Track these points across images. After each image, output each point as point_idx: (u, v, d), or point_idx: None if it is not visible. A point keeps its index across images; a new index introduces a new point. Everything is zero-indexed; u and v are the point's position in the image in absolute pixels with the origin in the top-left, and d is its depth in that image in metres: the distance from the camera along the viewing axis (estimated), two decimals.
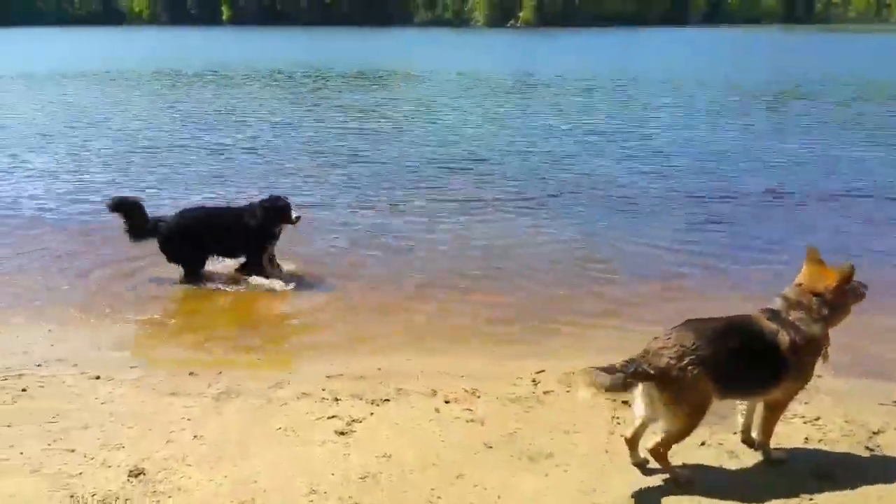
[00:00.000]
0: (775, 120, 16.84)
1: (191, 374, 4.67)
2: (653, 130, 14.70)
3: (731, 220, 8.42)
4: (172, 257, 6.46)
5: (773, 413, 3.52)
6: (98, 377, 4.55)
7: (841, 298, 3.44)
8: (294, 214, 6.45)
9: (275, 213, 6.40)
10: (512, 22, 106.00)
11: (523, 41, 60.74)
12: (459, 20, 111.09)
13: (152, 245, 6.66)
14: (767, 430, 3.56)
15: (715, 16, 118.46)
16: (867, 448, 3.74)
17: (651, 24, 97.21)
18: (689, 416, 3.25)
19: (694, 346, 3.22)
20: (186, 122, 15.69)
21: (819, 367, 3.50)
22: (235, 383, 4.47)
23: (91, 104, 18.96)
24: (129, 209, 6.52)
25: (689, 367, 3.19)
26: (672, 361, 3.20)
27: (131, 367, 4.75)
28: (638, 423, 3.43)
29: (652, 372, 3.20)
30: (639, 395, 3.34)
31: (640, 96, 21.17)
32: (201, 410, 4.12)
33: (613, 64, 33.29)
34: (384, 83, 25.22)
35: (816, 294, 3.42)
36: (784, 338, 3.31)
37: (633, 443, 3.50)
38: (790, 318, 3.38)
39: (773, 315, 3.41)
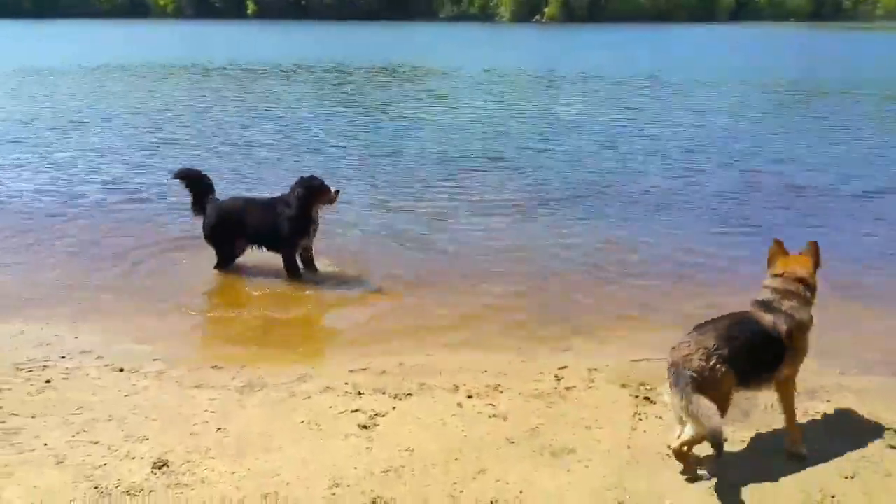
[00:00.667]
0: (805, 117, 16.56)
1: (214, 367, 4.70)
2: (678, 128, 14.52)
3: (757, 222, 8.29)
4: (210, 241, 6.47)
5: (787, 392, 3.70)
6: (122, 369, 4.60)
7: (816, 278, 3.79)
8: (333, 189, 6.24)
9: (308, 194, 6.15)
10: (538, 17, 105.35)
11: (549, 37, 60.36)
12: (485, 15, 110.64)
13: (177, 234, 6.69)
14: (789, 412, 3.70)
15: (742, 13, 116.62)
16: (891, 447, 3.70)
17: (678, 21, 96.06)
18: (722, 412, 3.32)
19: (716, 347, 3.37)
20: (207, 116, 15.74)
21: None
22: (258, 377, 4.51)
23: (117, 95, 19.17)
24: (194, 180, 6.53)
25: (718, 367, 3.33)
26: (703, 363, 3.32)
27: (155, 360, 4.79)
28: (684, 433, 3.41)
29: (695, 375, 3.29)
30: (675, 403, 3.40)
31: (664, 93, 20.92)
32: (224, 403, 4.16)
33: (640, 61, 32.91)
34: (407, 78, 25.20)
35: (801, 281, 3.70)
36: (782, 327, 3.56)
37: (685, 456, 3.44)
38: (783, 307, 3.62)
39: (767, 307, 3.64)
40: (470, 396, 4.27)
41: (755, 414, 4.05)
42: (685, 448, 3.39)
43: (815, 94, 20.86)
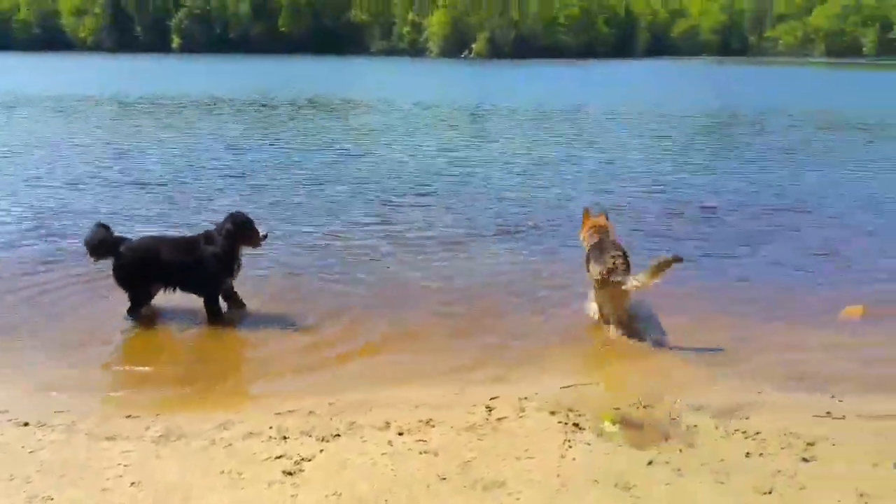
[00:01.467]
0: (719, 146, 17.38)
1: (128, 416, 4.45)
2: (603, 158, 14.99)
3: (675, 235, 8.72)
4: (122, 283, 6.09)
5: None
6: (27, 423, 4.29)
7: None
8: (261, 232, 6.03)
9: (237, 232, 5.93)
10: (466, 53, 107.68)
11: (476, 72, 61.64)
12: (414, 50, 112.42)
13: (85, 277, 6.36)
14: None
15: (658, 49, 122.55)
16: (804, 459, 3.84)
17: (598, 57, 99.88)
18: None
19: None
20: (119, 151, 15.10)
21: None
22: (176, 425, 4.30)
23: (26, 129, 18.36)
24: (102, 240, 6.11)
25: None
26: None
27: (62, 412, 4.47)
28: None
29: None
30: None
31: (587, 125, 21.61)
32: (139, 455, 3.94)
33: (564, 95, 34.02)
34: (335, 111, 25.10)
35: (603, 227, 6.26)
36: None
37: None
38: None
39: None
40: (401, 433, 4.19)
41: (678, 436, 4.12)
42: None
43: (728, 124, 21.94)
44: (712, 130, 20.76)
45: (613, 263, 5.59)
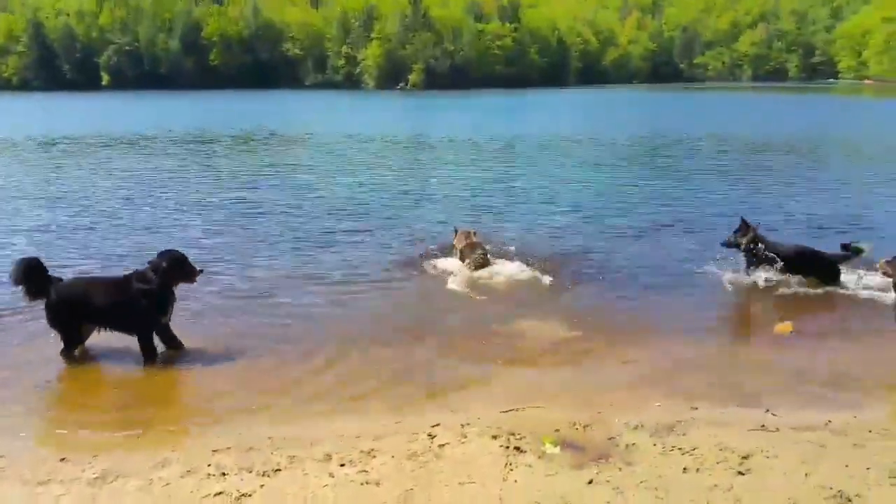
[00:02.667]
0: (651, 168, 17.98)
1: (62, 459, 4.31)
2: (540, 184, 15.30)
3: (604, 251, 8.93)
4: (54, 324, 5.92)
5: None
6: None
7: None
8: (196, 268, 5.97)
9: (168, 272, 5.83)
10: (402, 85, 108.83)
11: (413, 104, 62.25)
12: (350, 82, 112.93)
13: (15, 317, 6.13)
14: None
15: (590, 77, 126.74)
16: (739, 473, 3.97)
17: (532, 86, 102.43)
18: None
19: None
20: (46, 191, 14.65)
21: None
22: (114, 466, 4.18)
23: None
24: (28, 266, 5.92)
25: None
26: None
27: None
28: None
29: None
30: None
31: (523, 153, 22.07)
32: (75, 499, 3.81)
33: (498, 125, 34.70)
34: (267, 146, 24.79)
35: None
36: None
37: None
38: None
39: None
40: (342, 465, 4.16)
41: (617, 455, 4.22)
42: None
43: (659, 148, 22.75)
44: (641, 155, 21.46)
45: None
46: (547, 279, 8.05)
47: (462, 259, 8.60)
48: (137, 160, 20.29)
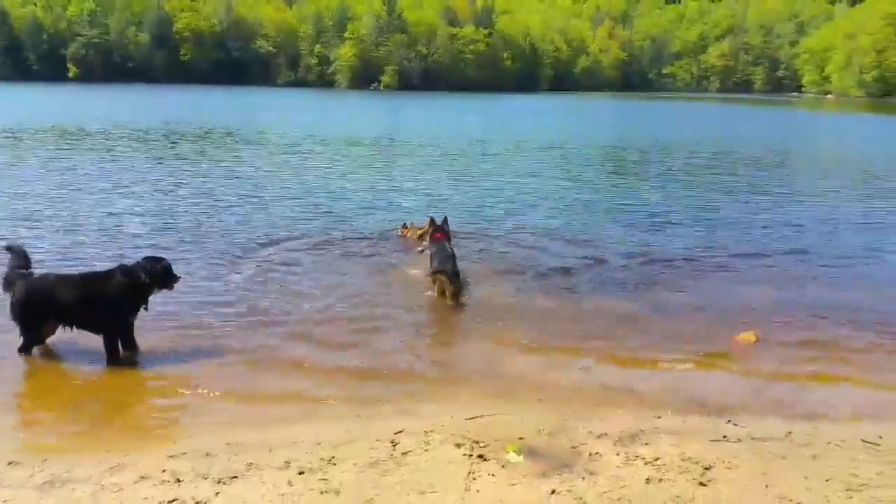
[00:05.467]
0: (619, 175, 18.15)
1: (10, 463, 4.15)
2: (519, 189, 15.31)
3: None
4: (16, 320, 5.74)
5: None
6: None
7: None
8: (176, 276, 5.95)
9: (153, 276, 5.80)
10: (375, 85, 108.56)
11: (383, 104, 62.10)
12: (323, 81, 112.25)
13: None
14: None
15: (562, 84, 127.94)
16: (701, 483, 3.97)
17: (504, 91, 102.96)
18: None
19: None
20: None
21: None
22: (63, 470, 4.03)
23: None
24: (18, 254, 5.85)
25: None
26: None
27: None
28: None
29: None
30: None
31: (496, 157, 22.10)
32: None
33: (471, 128, 34.75)
34: (230, 144, 24.36)
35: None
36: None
37: None
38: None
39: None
40: (301, 472, 4.06)
41: (580, 465, 4.19)
42: None
43: (629, 155, 23.00)
44: (609, 161, 21.65)
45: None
46: (516, 283, 8.03)
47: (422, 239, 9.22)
48: (86, 155, 19.84)
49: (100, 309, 5.75)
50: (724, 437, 4.62)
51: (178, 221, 11.14)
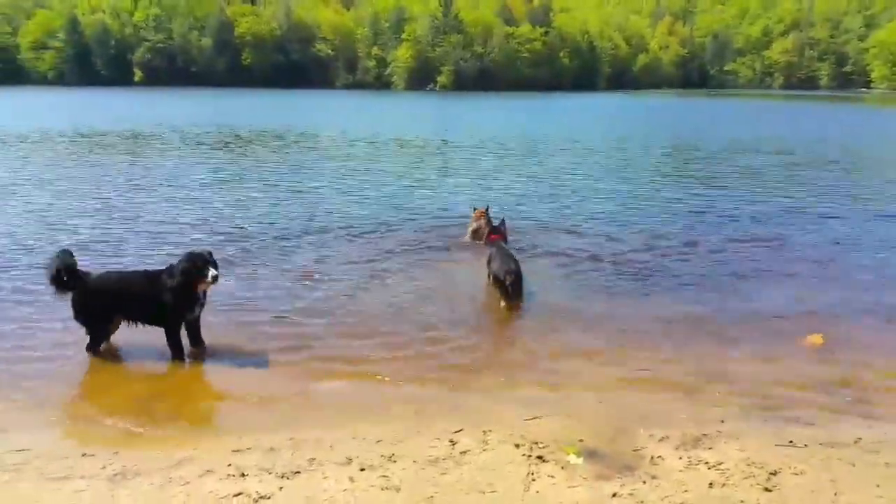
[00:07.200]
0: (682, 176, 17.75)
1: (84, 454, 4.34)
2: (576, 189, 15.17)
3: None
4: (81, 319, 5.95)
5: None
6: None
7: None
8: (211, 274, 5.83)
9: (189, 273, 5.80)
10: (431, 86, 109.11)
11: (441, 105, 62.29)
12: (380, 83, 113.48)
13: (40, 309, 6.16)
14: None
15: (620, 82, 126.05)
16: (766, 489, 3.86)
17: (562, 90, 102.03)
18: None
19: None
20: (85, 187, 14.85)
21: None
22: (133, 463, 4.19)
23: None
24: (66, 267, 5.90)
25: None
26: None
27: (17, 451, 4.35)
28: None
29: None
30: None
31: (545, 157, 21.91)
32: (93, 495, 3.82)
33: (526, 127, 34.53)
34: (298, 145, 24.96)
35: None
36: None
37: None
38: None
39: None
40: (363, 469, 4.13)
41: (641, 469, 4.13)
42: None
43: (692, 157, 22.47)
44: (673, 162, 21.20)
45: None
46: (577, 281, 7.96)
47: (476, 237, 9.75)
48: (154, 155, 20.54)
49: (156, 305, 5.86)
50: (790, 441, 4.49)
51: (265, 222, 11.44)
